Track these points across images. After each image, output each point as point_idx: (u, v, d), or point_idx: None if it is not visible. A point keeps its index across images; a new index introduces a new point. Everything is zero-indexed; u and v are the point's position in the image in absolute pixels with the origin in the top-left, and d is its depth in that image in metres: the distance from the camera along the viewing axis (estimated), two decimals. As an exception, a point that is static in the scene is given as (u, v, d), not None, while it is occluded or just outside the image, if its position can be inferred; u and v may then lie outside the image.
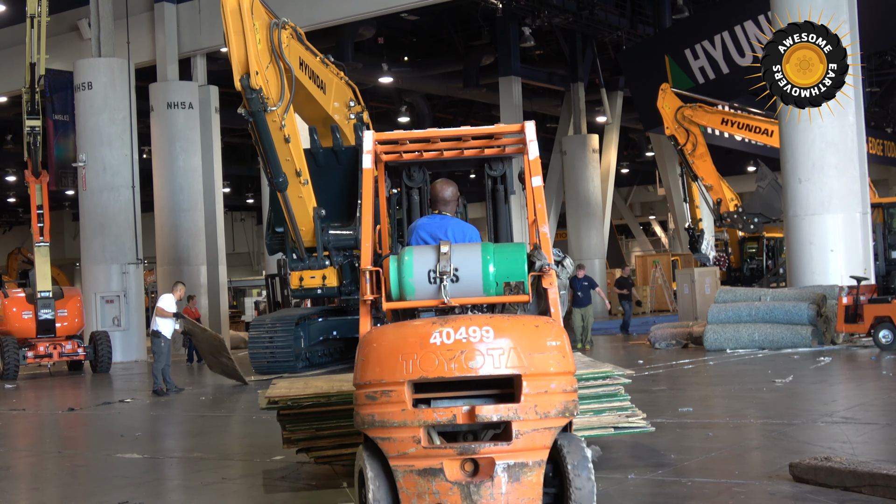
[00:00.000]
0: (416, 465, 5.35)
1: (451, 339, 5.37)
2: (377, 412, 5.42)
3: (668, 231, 59.42)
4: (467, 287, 5.82)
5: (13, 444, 12.12)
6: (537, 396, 5.36)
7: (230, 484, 8.20)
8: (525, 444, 5.33)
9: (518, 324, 5.54)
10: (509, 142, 6.73)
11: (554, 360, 5.46)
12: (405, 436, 5.35)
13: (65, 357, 22.47)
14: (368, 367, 5.52)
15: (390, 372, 5.41)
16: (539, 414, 5.35)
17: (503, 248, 5.99)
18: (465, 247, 5.98)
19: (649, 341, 21.66)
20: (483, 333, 5.38)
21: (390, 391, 5.39)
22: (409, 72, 38.11)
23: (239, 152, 47.76)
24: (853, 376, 15.13)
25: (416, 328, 5.51)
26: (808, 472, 6.87)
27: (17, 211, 59.99)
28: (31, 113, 22.31)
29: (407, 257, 5.86)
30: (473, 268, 5.83)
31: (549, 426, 5.40)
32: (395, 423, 5.36)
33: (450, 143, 6.69)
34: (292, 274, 19.37)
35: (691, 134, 28.06)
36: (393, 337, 5.56)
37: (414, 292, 5.83)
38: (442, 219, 6.57)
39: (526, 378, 5.35)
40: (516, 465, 5.33)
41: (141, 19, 29.22)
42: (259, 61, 15.83)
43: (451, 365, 5.33)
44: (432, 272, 5.79)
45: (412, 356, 5.38)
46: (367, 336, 5.72)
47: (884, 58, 37.89)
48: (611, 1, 36.47)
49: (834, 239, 20.27)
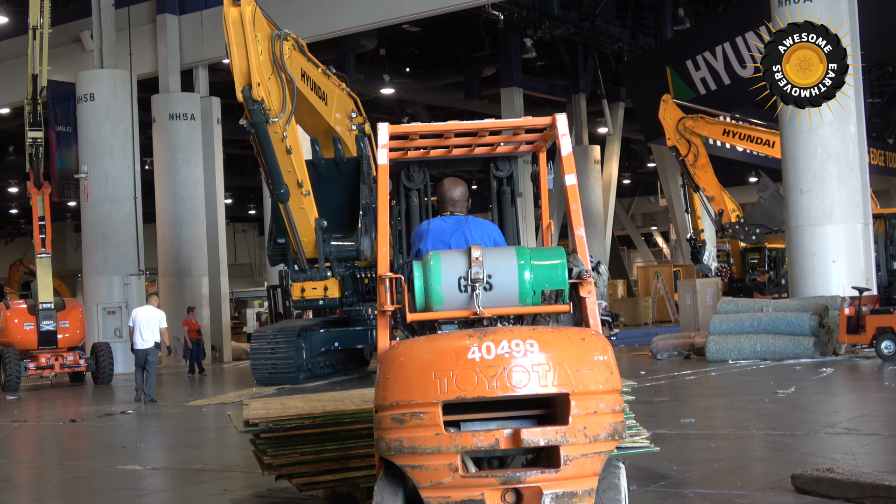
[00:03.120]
0: (453, 497, 4.77)
1: (491, 353, 4.76)
2: (406, 437, 4.79)
3: (670, 242, 59.39)
4: (501, 296, 5.18)
5: (15, 456, 12.11)
6: (586, 417, 4.78)
7: (231, 496, 8.18)
8: (574, 472, 4.75)
9: (563, 337, 4.96)
10: (530, 137, 6.10)
11: (602, 377, 4.87)
12: (440, 463, 4.74)
13: (66, 368, 22.46)
14: (395, 386, 4.88)
15: (421, 392, 4.79)
16: (588, 437, 4.76)
17: (540, 252, 5.33)
18: (499, 251, 5.33)
19: (651, 352, 21.63)
20: (527, 347, 4.78)
21: (422, 413, 4.77)
22: (411, 83, 38.17)
23: (241, 163, 47.80)
24: (855, 387, 15.10)
25: (450, 342, 4.89)
26: (810, 484, 6.85)
27: (19, 222, 60.04)
28: (33, 124, 22.34)
29: (433, 263, 5.20)
30: (508, 275, 5.19)
31: (598, 451, 4.81)
32: (427, 449, 4.76)
33: (463, 140, 6.08)
34: (294, 285, 19.37)
35: (693, 145, 28.07)
36: (424, 352, 4.93)
37: (442, 302, 5.18)
38: (457, 219, 5.90)
39: (574, 397, 4.77)
40: (565, 495, 4.75)
41: (143, 31, 29.28)
42: (261, 73, 15.86)
43: (492, 383, 4.72)
44: (463, 279, 5.15)
45: (447, 373, 4.77)
46: (391, 351, 5.06)
47: (885, 69, 37.98)
48: (612, 12, 36.56)
49: (836, 250, 20.27)
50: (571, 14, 34.22)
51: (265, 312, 35.58)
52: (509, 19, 31.79)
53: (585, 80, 39.19)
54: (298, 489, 7.31)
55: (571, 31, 34.27)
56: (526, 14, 31.66)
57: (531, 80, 38.14)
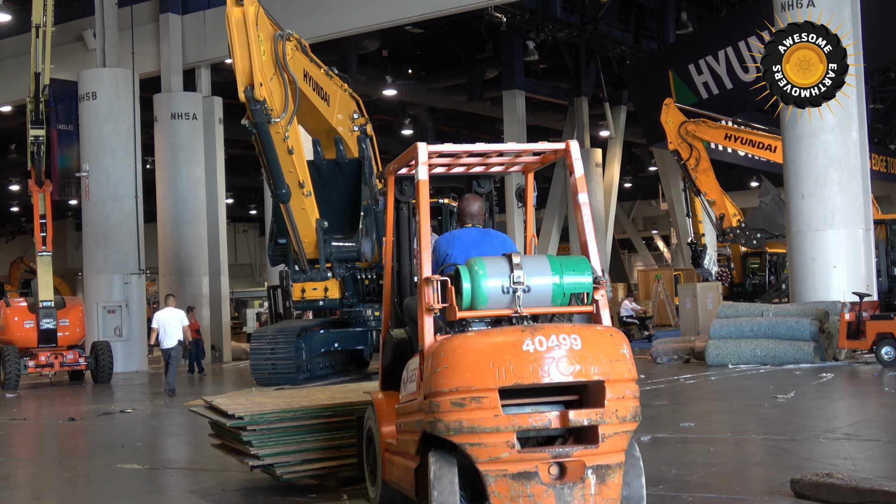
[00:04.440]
0: (510, 469, 5.49)
1: (543, 346, 5.54)
2: (465, 418, 5.50)
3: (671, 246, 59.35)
4: (537, 297, 5.94)
5: (13, 454, 12.11)
6: (618, 401, 5.61)
7: (230, 495, 8.18)
8: (609, 447, 5.58)
9: (598, 333, 5.77)
10: (530, 160, 6.92)
11: (627, 368, 5.73)
12: (498, 441, 5.48)
13: (66, 367, 22.44)
14: (454, 374, 5.57)
15: (481, 379, 5.51)
16: (619, 418, 5.61)
17: (568, 260, 6.10)
18: (534, 259, 6.11)
19: (651, 356, 21.63)
20: (571, 341, 5.59)
21: (481, 398, 5.49)
22: (413, 84, 38.17)
23: (242, 163, 47.81)
24: (855, 392, 15.10)
25: (506, 336, 5.64)
26: (809, 489, 6.85)
27: (19, 220, 60.07)
28: (35, 122, 22.33)
29: (479, 268, 5.90)
30: (544, 279, 5.96)
31: (626, 430, 5.66)
32: (487, 428, 5.48)
33: (475, 160, 6.86)
34: (294, 285, 19.36)
35: (694, 149, 28.07)
36: (481, 345, 5.64)
37: (487, 301, 5.88)
38: (481, 232, 6.73)
39: (609, 384, 5.60)
40: (602, 467, 5.57)
41: (146, 30, 29.28)
42: (263, 73, 15.87)
43: (545, 371, 5.52)
44: (505, 283, 5.87)
45: (505, 363, 5.50)
46: (445, 344, 5.71)
47: (887, 74, 37.96)
48: (615, 16, 36.56)
49: (836, 255, 20.26)
50: (574, 17, 34.21)
51: (265, 313, 35.58)
52: (512, 22, 31.78)
53: (588, 83, 39.17)
54: (279, 479, 7.76)
55: (574, 35, 34.27)
56: (529, 17, 31.65)
57: (533, 83, 38.13)
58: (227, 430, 8.10)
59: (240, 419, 7.75)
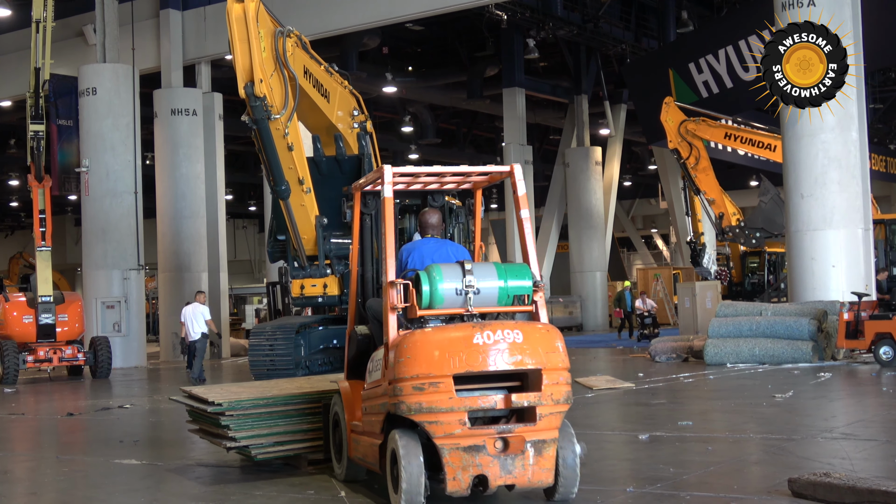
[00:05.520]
0: (462, 443, 6.49)
1: (490, 339, 6.55)
2: (425, 400, 6.48)
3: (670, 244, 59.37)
4: (486, 298, 6.91)
5: (12, 449, 12.11)
6: (553, 386, 6.64)
7: (228, 488, 8.19)
8: (545, 425, 6.61)
9: (536, 328, 6.79)
10: (479, 180, 7.95)
11: (561, 358, 6.75)
12: (452, 419, 6.47)
13: (65, 362, 22.44)
14: (415, 363, 6.55)
15: (438, 367, 6.51)
16: (554, 401, 6.63)
17: (512, 267, 7.05)
18: (483, 265, 7.07)
19: (649, 354, 21.63)
20: (514, 336, 6.61)
21: (438, 383, 6.49)
22: (414, 82, 38.15)
23: (242, 160, 47.80)
24: (853, 392, 15.11)
25: (458, 331, 6.66)
26: (807, 488, 6.85)
27: (19, 215, 60.06)
28: (35, 117, 22.33)
29: (436, 273, 6.87)
30: (491, 283, 6.92)
31: (560, 410, 6.71)
32: (442, 409, 6.47)
33: (431, 179, 7.84)
34: (293, 282, 19.34)
35: (694, 148, 28.08)
36: (438, 338, 6.63)
37: (443, 301, 6.86)
38: (438, 241, 7.74)
39: (545, 372, 6.63)
40: (539, 442, 6.60)
41: (146, 26, 29.27)
42: (263, 69, 15.85)
43: (492, 360, 6.54)
44: (458, 286, 6.84)
45: (458, 354, 6.52)
46: (408, 338, 6.69)
47: (887, 74, 37.97)
48: (615, 14, 36.57)
49: (835, 255, 20.26)
50: (575, 15, 34.21)
51: (264, 309, 35.55)
52: (513, 20, 31.79)
53: (588, 81, 39.18)
54: (254, 458, 8.55)
55: (575, 33, 34.27)
56: (529, 15, 31.65)
57: (534, 81, 38.14)
58: (207, 417, 8.93)
59: (219, 406, 8.57)
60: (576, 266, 40.24)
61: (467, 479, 6.49)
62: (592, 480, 7.91)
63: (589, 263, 39.86)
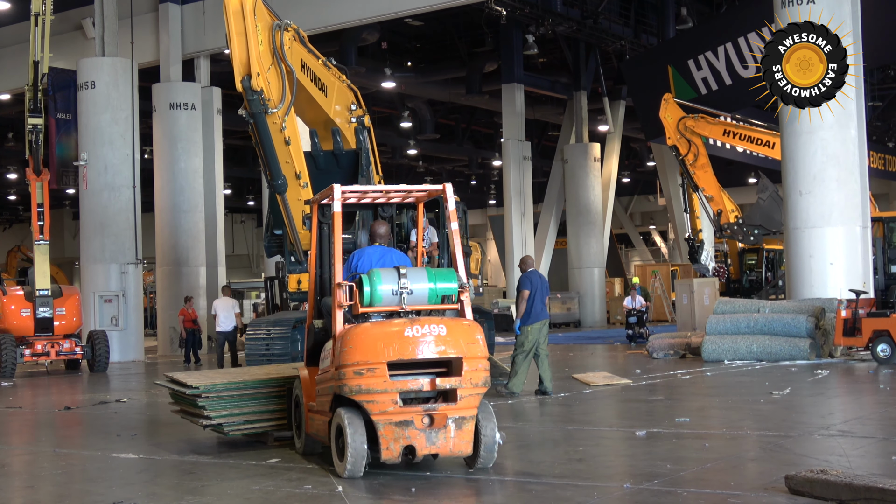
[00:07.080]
0: (394, 419, 7.73)
1: (419, 332, 7.79)
2: (363, 383, 7.72)
3: (668, 241, 59.44)
4: (418, 298, 8.13)
5: (9, 442, 12.10)
6: (472, 372, 7.88)
7: (226, 484, 8.18)
8: (465, 405, 7.85)
9: (458, 323, 8.06)
10: (419, 195, 9.34)
11: (480, 349, 7.98)
12: (386, 399, 7.72)
13: (62, 356, 22.43)
14: (356, 351, 7.76)
15: (375, 355, 7.72)
16: (472, 384, 7.88)
17: (440, 272, 8.32)
18: (417, 270, 8.29)
19: (647, 351, 21.63)
20: (439, 329, 7.85)
21: (375, 368, 7.71)
22: (412, 77, 38.11)
23: (240, 154, 47.77)
24: (851, 390, 15.11)
25: (393, 325, 7.87)
26: (803, 485, 6.85)
27: (17, 209, 60.03)
28: (33, 111, 22.28)
29: (376, 277, 8.09)
30: (423, 285, 8.15)
31: (478, 392, 7.94)
32: (378, 390, 7.71)
33: (377, 195, 9.35)
34: (290, 277, 19.30)
35: (693, 144, 28.05)
36: (375, 331, 7.87)
37: (381, 300, 8.08)
38: (384, 249, 9.06)
39: (465, 360, 7.87)
40: (459, 418, 7.84)
41: (145, 19, 29.23)
42: (261, 63, 15.80)
43: (420, 350, 7.78)
44: (394, 287, 8.05)
45: (392, 344, 7.74)
46: (350, 331, 7.92)
47: (886, 72, 37.95)
48: (615, 10, 36.54)
49: (834, 252, 20.26)
50: (574, 11, 34.20)
51: (262, 304, 35.52)
52: (512, 15, 31.75)
53: (587, 77, 39.17)
54: (227, 435, 9.84)
55: (574, 29, 34.24)
56: (529, 10, 31.62)
57: (533, 77, 38.11)
58: (186, 399, 10.07)
59: (196, 388, 9.76)
60: (574, 262, 40.26)
61: (398, 448, 7.71)
62: (589, 477, 7.91)
63: (587, 260, 39.88)
